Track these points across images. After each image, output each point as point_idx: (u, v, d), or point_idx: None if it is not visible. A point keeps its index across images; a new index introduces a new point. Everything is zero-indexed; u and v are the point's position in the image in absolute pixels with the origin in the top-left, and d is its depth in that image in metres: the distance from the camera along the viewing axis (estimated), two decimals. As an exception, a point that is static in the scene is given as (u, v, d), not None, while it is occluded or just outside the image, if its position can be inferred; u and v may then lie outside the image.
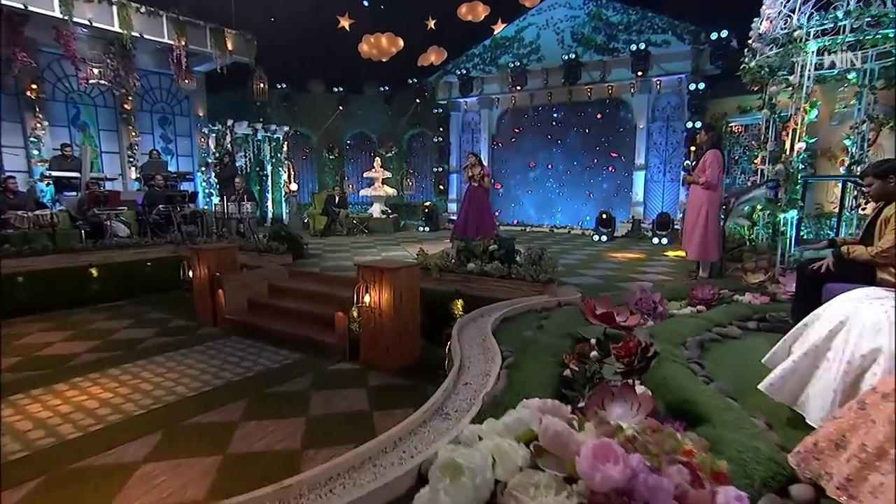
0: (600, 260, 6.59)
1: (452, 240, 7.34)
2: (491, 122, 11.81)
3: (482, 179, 7.24)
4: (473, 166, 7.26)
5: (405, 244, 8.18)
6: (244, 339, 4.75)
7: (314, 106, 12.93)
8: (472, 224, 7.12)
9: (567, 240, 9.29)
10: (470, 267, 4.56)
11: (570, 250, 7.61)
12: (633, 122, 9.96)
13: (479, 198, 7.25)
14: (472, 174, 7.28)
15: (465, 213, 7.30)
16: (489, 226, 7.20)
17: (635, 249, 7.78)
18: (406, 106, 12.87)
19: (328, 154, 13.26)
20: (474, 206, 7.24)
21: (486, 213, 7.27)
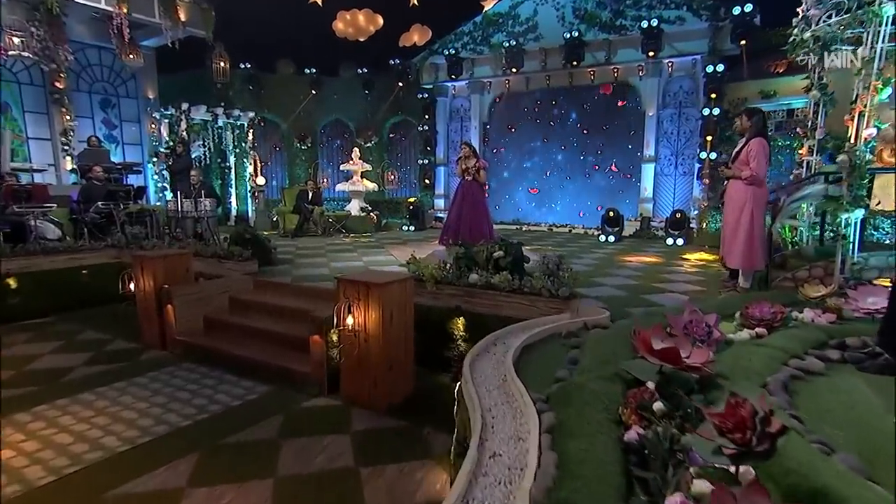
0: (614, 265, 6.21)
1: (442, 241, 6.99)
2: (482, 108, 11.51)
3: (477, 173, 6.83)
4: (467, 158, 6.87)
5: (389, 247, 7.77)
6: (198, 367, 4.20)
7: (283, 89, 12.42)
8: (465, 224, 6.74)
9: (570, 240, 8.95)
10: (472, 278, 4.08)
11: (576, 253, 7.24)
12: (642, 108, 9.69)
13: (473, 194, 6.85)
14: (465, 167, 6.88)
15: (456, 211, 6.90)
16: (485, 226, 6.82)
17: (649, 252, 7.45)
18: (387, 90, 12.47)
19: (300, 144, 12.80)
20: (468, 203, 6.84)
21: (482, 212, 6.87)
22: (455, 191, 7.21)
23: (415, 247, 7.63)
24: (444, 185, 12.20)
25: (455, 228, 6.86)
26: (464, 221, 6.78)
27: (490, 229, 6.91)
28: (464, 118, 11.93)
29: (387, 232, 10.26)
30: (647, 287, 4.86)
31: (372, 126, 12.95)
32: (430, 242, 8.14)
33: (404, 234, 9.95)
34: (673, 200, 9.69)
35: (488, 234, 6.77)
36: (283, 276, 5.44)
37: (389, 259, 6.54)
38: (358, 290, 3.43)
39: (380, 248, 7.61)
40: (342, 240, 8.86)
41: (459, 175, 6.98)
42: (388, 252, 7.17)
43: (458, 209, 6.88)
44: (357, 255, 6.95)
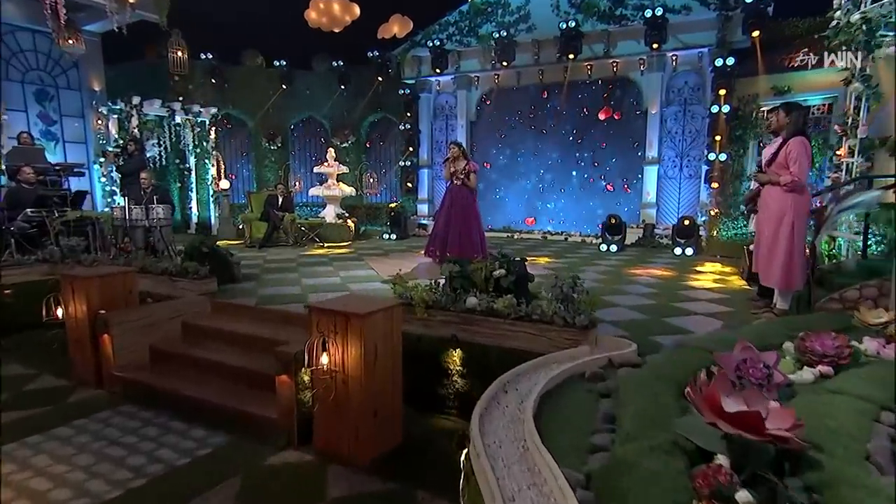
0: (622, 280, 5.87)
1: (428, 253, 6.64)
2: (469, 105, 11.22)
3: (467, 177, 6.46)
4: (456, 159, 6.51)
5: (369, 259, 7.38)
6: (140, 410, 3.67)
7: (250, 83, 11.95)
8: (453, 234, 6.38)
9: (568, 250, 8.64)
10: (470, 303, 3.64)
11: (578, 266, 6.90)
12: (644, 105, 9.46)
13: (462, 200, 6.48)
14: (453, 170, 6.51)
15: (444, 219, 6.54)
16: (476, 236, 6.45)
17: (658, 264, 7.15)
18: (365, 86, 12.08)
19: (269, 144, 12.34)
20: (456, 210, 6.46)
21: (472, 221, 6.50)
22: (442, 197, 6.84)
23: (397, 259, 7.30)
24: (427, 189, 11.86)
25: (442, 238, 6.51)
26: (452, 231, 6.43)
27: (482, 240, 6.57)
28: (449, 116, 11.62)
29: (365, 241, 9.90)
30: (666, 307, 4.50)
31: (349, 124, 12.59)
32: (415, 253, 7.79)
33: (385, 243, 9.62)
34: (678, 206, 9.46)
35: (479, 244, 6.45)
36: (246, 297, 4.96)
37: (370, 274, 6.13)
38: (335, 322, 2.97)
39: (358, 261, 7.20)
40: (316, 251, 8.43)
41: (447, 179, 6.64)
42: (367, 265, 6.78)
43: (446, 217, 6.52)
44: (333, 269, 6.51)
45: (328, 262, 7.18)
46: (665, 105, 9.27)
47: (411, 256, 7.63)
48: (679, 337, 3.48)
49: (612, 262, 7.22)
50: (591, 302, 3.34)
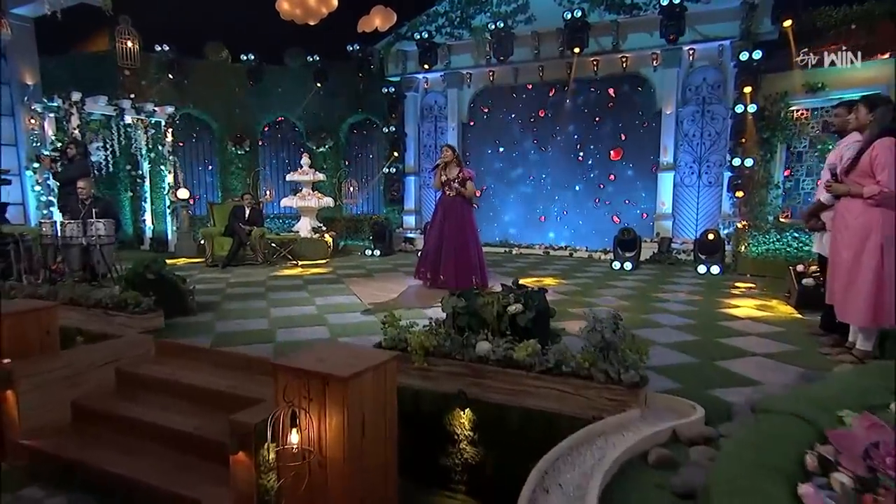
0: (649, 306, 5.39)
1: (419, 275, 6.24)
2: (461, 105, 10.80)
3: (462, 186, 6.02)
4: (449, 165, 6.07)
5: (351, 281, 6.83)
6: (50, 496, 3.00)
7: (214, 80, 11.39)
8: (448, 253, 5.95)
9: (574, 268, 8.18)
10: (482, 349, 3.07)
11: (592, 288, 6.41)
12: (657, 105, 9.07)
13: (458, 213, 6.05)
14: (446, 178, 6.06)
15: (436, 236, 6.09)
16: (474, 256, 6.01)
17: (683, 285, 6.70)
18: (344, 84, 11.66)
19: (235, 148, 11.75)
20: (451, 226, 6.02)
21: (470, 239, 6.06)
22: (434, 209, 6.40)
23: (382, 281, 6.82)
24: (414, 199, 11.42)
25: (434, 259, 6.08)
26: (446, 249, 5.99)
27: (480, 260, 6.14)
28: (438, 117, 11.21)
29: (345, 258, 9.41)
30: (713, 345, 3.98)
31: (326, 127, 12.10)
32: (405, 275, 7.30)
33: (367, 260, 9.14)
34: (696, 217, 9.09)
35: (478, 266, 6.02)
36: (201, 335, 4.34)
37: (351, 301, 5.58)
38: (308, 386, 2.36)
39: (338, 284, 6.65)
40: (289, 270, 7.87)
41: (438, 188, 6.20)
42: (348, 289, 6.25)
43: (438, 233, 6.08)
44: (307, 295, 5.95)
45: (302, 285, 6.63)
46: (681, 105, 8.92)
47: (399, 278, 7.13)
48: (749, 392, 2.94)
49: (631, 284, 6.76)
50: (640, 350, 2.77)
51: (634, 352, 2.77)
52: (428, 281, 6.12)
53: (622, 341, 2.80)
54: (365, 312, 5.03)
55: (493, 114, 10.63)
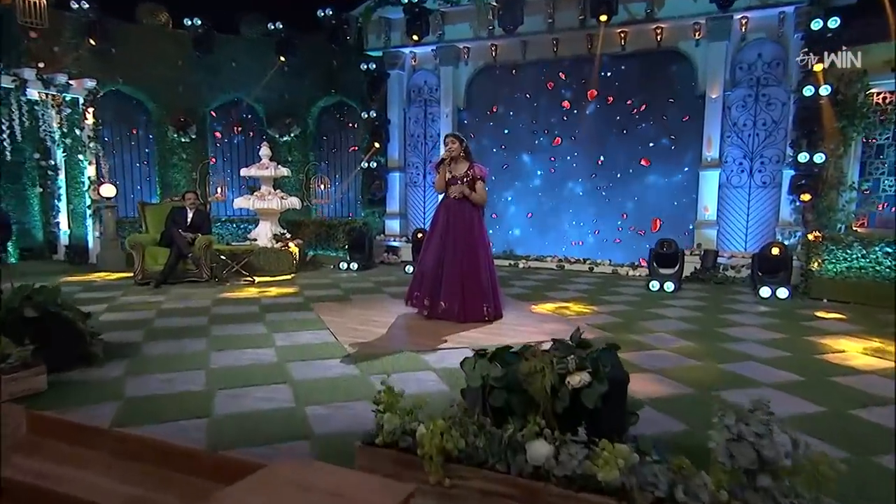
0: (723, 350, 4.57)
1: (412, 300, 5.65)
2: (457, 87, 10.21)
3: (472, 186, 5.45)
4: (455, 160, 5.49)
5: (322, 308, 6.02)
6: None
7: (150, 49, 10.48)
8: (452, 275, 5.38)
9: (600, 288, 7.55)
10: (537, 455, 2.13)
11: (633, 320, 5.65)
12: (700, 88, 8.45)
13: (465, 223, 5.46)
14: (451, 175, 5.47)
15: (436, 251, 5.49)
16: (487, 280, 5.47)
17: (748, 315, 5.96)
18: (314, 58, 10.99)
19: (178, 135, 10.89)
20: (456, 239, 5.43)
21: (481, 256, 5.48)
22: (434, 215, 5.75)
23: (363, 307, 6.13)
24: (399, 200, 10.73)
25: (434, 280, 5.46)
26: (450, 268, 5.39)
27: (494, 284, 5.57)
28: (429, 101, 10.57)
29: (315, 273, 8.72)
30: (853, 424, 3.16)
31: (291, 111, 11.42)
32: (389, 297, 6.65)
33: (342, 276, 8.46)
34: (746, 225, 8.43)
35: (491, 291, 5.46)
36: (103, 402, 3.34)
37: (323, 341, 4.73)
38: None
39: (306, 313, 5.84)
40: (243, 291, 7.05)
41: (441, 189, 5.58)
42: (319, 320, 5.47)
43: (440, 247, 5.46)
44: (265, 330, 5.08)
45: (258, 313, 5.77)
46: (730, 87, 8.28)
47: (384, 303, 6.38)
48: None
49: (681, 312, 6.01)
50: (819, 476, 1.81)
51: (809, 479, 1.81)
52: (425, 309, 5.46)
53: (786, 458, 1.84)
54: (345, 360, 4.17)
55: (496, 98, 10.07)
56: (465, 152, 5.52)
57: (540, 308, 6.15)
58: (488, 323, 5.28)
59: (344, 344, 4.58)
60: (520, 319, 5.56)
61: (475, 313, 5.29)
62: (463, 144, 5.52)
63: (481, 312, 5.32)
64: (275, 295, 6.79)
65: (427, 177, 10.43)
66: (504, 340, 4.46)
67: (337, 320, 5.42)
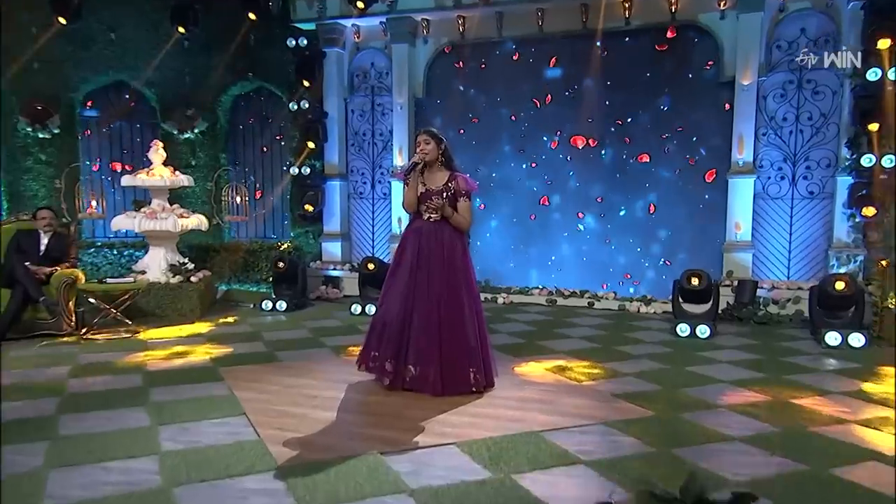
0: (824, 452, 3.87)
1: (367, 364, 5.21)
2: (413, 70, 10.03)
3: (453, 202, 5.17)
4: (430, 167, 5.23)
5: (238, 380, 5.35)
6: None
7: None
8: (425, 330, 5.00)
9: (610, 333, 7.27)
10: None
11: (675, 391, 5.07)
12: (726, 72, 8.29)
13: (445, 254, 5.14)
14: (425, 189, 5.22)
15: (405, 292, 5.11)
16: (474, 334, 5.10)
17: (823, 376, 5.47)
18: (225, 31, 10.47)
19: (34, 129, 10.49)
20: (434, 276, 5.08)
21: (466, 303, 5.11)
22: (400, 242, 5.38)
23: (297, 373, 5.52)
24: (341, 217, 10.30)
25: (399, 335, 5.03)
26: (423, 317, 4.97)
27: (482, 338, 5.17)
28: (378, 89, 10.24)
29: (228, 316, 8.25)
30: None
31: (195, 99, 10.93)
32: (331, 354, 6.28)
33: (266, 320, 8.10)
34: (789, 246, 8.20)
35: (479, 349, 5.05)
36: None
37: (237, 440, 3.94)
38: None
39: (212, 386, 5.16)
40: (120, 351, 6.29)
41: (411, 208, 5.25)
42: (232, 400, 4.70)
43: (408, 290, 5.09)
44: (148, 421, 4.26)
45: (139, 391, 4.97)
46: (765, 71, 8.08)
47: (326, 364, 5.84)
48: None
49: (732, 373, 5.46)
50: None
51: None
52: (387, 376, 4.99)
53: None
54: (277, 475, 3.30)
55: (465, 85, 9.89)
56: (445, 157, 5.17)
57: (536, 368, 5.63)
58: (477, 395, 4.73)
59: (269, 444, 3.67)
60: (517, 388, 5.02)
61: (458, 382, 4.79)
62: (441, 146, 5.13)
63: (467, 381, 4.80)
64: (168, 355, 6.04)
65: (377, 186, 10.19)
66: (508, 428, 3.91)
67: (258, 399, 4.62)
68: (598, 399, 4.61)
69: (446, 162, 5.15)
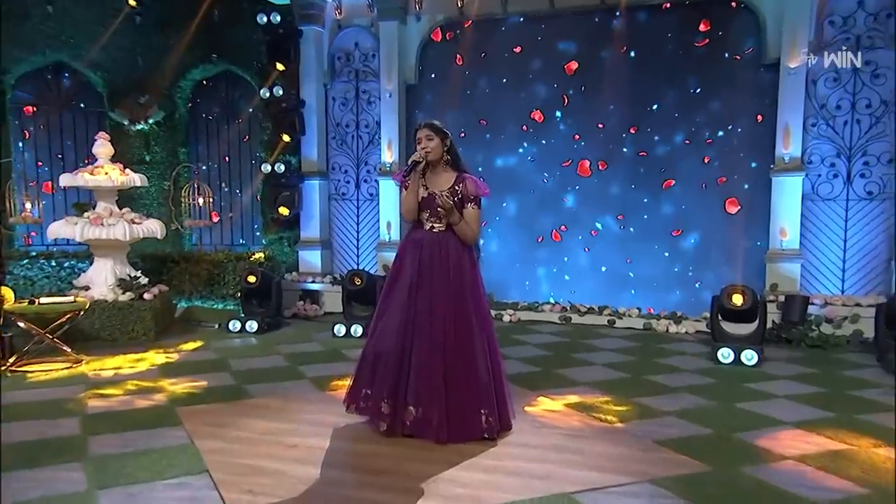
0: None
1: (358, 404, 5.06)
2: (405, 52, 10.05)
3: (458, 208, 5.01)
4: (434, 168, 5.12)
5: (196, 423, 5.13)
6: None
7: None
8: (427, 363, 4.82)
9: (636, 359, 7.18)
10: None
11: (729, 436, 4.83)
12: (769, 54, 8.21)
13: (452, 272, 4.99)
14: (428, 193, 5.10)
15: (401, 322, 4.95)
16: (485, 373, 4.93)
17: None
18: (185, 5, 10.46)
19: None
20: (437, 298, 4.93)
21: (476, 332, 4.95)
22: (397, 259, 5.23)
23: (271, 414, 5.34)
24: (321, 221, 10.21)
25: (397, 369, 4.84)
26: (424, 350, 4.80)
27: (497, 373, 4.99)
28: (363, 73, 10.20)
29: (188, 340, 8.08)
30: None
31: (149, 85, 10.79)
32: (312, 387, 6.06)
33: (234, 344, 7.99)
34: (843, 256, 8.13)
35: (493, 385, 4.87)
36: None
37: None
38: None
39: (166, 433, 4.87)
40: (55, 386, 6.08)
41: (411, 216, 5.12)
42: (191, 452, 4.48)
43: (406, 315, 4.92)
44: (83, 485, 3.94)
45: (77, 440, 4.69)
46: (815, 51, 7.92)
47: (307, 406, 5.53)
48: None
49: (792, 411, 5.21)
50: None
51: None
52: (383, 420, 4.73)
53: None
54: None
55: (463, 69, 9.80)
56: (450, 155, 4.99)
57: (556, 404, 5.42)
58: (491, 443, 4.52)
59: (238, 516, 3.33)
60: (537, 433, 4.82)
61: (468, 427, 4.61)
62: (446, 141, 4.95)
63: (478, 425, 4.62)
64: (113, 393, 5.74)
65: (362, 185, 10.17)
66: (534, 489, 3.63)
67: (225, 450, 4.35)
68: (638, 447, 4.34)
69: (452, 161, 4.98)
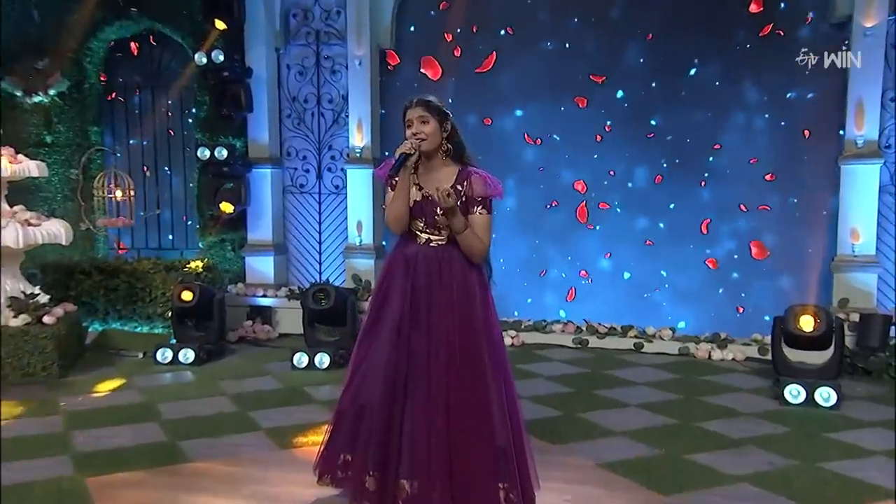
0: None
1: (334, 475, 4.69)
2: (377, 9, 9.86)
3: (476, 210, 4.68)
4: (431, 159, 4.78)
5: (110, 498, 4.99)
6: None
7: None
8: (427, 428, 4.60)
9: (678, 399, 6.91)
10: None
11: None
12: (838, 11, 8.12)
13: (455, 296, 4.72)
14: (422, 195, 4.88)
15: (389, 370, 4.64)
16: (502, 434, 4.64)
17: None
18: None
19: None
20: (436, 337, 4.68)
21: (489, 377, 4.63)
22: (381, 279, 4.95)
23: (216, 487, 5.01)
24: (273, 219, 9.96)
25: (384, 428, 4.55)
26: (420, 403, 4.57)
27: (518, 431, 4.69)
28: (326, 35, 10.02)
29: (102, 375, 7.69)
30: None
31: (48, 47, 10.46)
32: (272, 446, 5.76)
33: (164, 380, 7.70)
34: None
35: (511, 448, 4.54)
36: None
37: None
38: None
39: None
40: None
41: (396, 227, 4.83)
42: None
43: (398, 351, 4.62)
44: None
45: None
46: (894, 11, 7.91)
47: (263, 472, 5.21)
48: None
49: None
50: None
51: None
52: (368, 498, 4.42)
53: None
54: None
55: (455, 30, 9.66)
56: (452, 144, 4.56)
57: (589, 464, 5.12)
58: None
59: None
60: None
61: None
62: (445, 125, 4.51)
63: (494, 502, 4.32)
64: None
65: (325, 175, 9.89)
66: None
67: None
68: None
69: (454, 151, 4.47)
